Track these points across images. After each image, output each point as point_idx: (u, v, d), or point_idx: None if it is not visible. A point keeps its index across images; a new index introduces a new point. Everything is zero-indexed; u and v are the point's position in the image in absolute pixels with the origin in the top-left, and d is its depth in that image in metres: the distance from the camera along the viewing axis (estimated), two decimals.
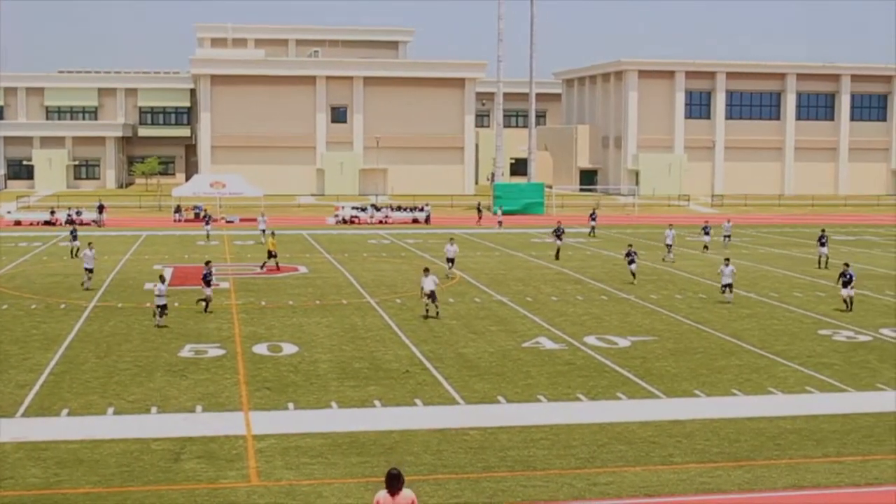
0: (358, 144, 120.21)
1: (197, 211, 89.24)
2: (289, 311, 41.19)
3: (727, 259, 45.74)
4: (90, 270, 46.97)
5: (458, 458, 22.38)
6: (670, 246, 60.35)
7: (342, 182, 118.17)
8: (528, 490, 20.46)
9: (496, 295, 46.09)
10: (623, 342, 35.10)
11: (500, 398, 27.46)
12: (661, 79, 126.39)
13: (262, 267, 54.32)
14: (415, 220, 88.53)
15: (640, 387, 28.88)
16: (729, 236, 67.99)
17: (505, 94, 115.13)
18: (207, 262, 42.62)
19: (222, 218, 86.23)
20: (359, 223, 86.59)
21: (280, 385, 28.67)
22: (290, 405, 26.62)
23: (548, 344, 34.74)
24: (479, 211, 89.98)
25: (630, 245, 46.19)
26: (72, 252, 58.68)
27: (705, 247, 65.38)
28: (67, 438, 23.42)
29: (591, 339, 35.39)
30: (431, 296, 39.28)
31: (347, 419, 25.34)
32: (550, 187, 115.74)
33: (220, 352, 33.13)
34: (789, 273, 54.60)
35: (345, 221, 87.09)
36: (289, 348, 33.79)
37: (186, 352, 33.07)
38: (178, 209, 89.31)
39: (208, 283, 40.68)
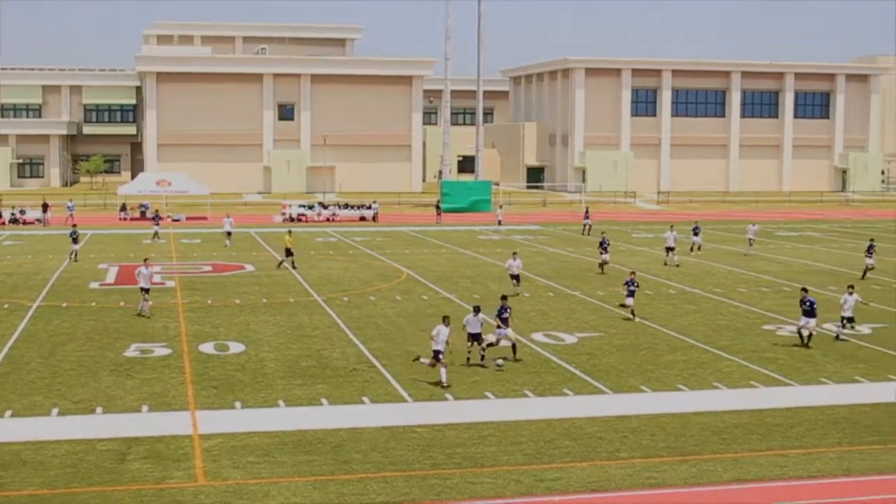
0: (305, 142, 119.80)
1: (143, 209, 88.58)
2: (235, 310, 40.99)
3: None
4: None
5: (405, 456, 22.39)
6: (671, 248, 56.89)
7: (289, 180, 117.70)
8: (475, 487, 20.52)
9: (444, 292, 46.13)
10: (570, 338, 35.27)
11: (447, 395, 27.50)
12: (607, 77, 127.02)
13: (278, 266, 53.88)
14: (362, 218, 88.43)
15: (586, 383, 29.04)
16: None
17: (453, 92, 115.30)
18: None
19: (168, 216, 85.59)
20: (306, 221, 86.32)
21: (227, 384, 28.54)
22: (237, 404, 26.50)
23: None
24: (439, 209, 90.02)
25: (633, 273, 40.71)
26: (71, 256, 57.01)
27: (697, 248, 62.72)
28: (11, 440, 23.17)
29: (538, 336, 35.53)
30: (477, 337, 31.74)
31: (295, 418, 25.28)
32: (498, 184, 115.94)
33: (167, 351, 32.91)
34: (734, 269, 55.09)
35: (292, 219, 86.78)
36: (236, 347, 33.63)
37: (132, 351, 32.82)
38: (123, 207, 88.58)
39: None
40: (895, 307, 42.47)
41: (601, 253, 53.63)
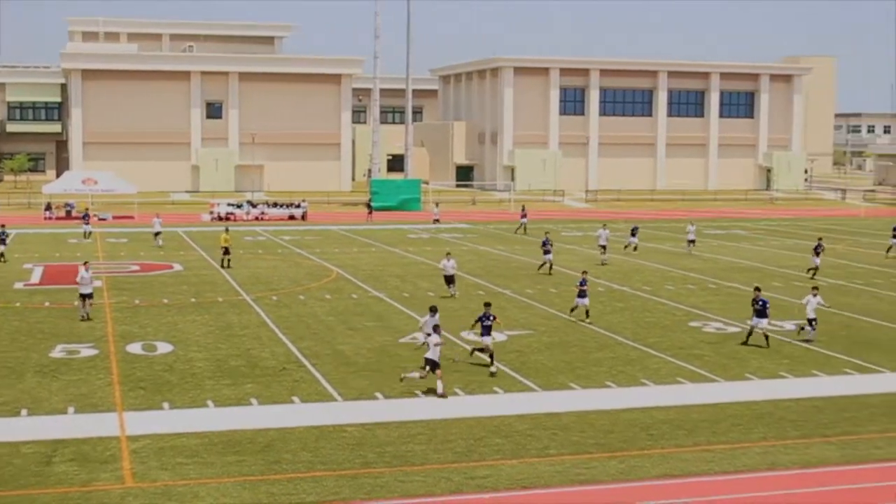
0: (233, 140, 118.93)
1: (68, 208, 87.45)
2: (163, 310, 40.64)
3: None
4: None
5: (335, 455, 22.37)
6: (604, 247, 57.42)
7: (217, 178, 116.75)
8: (405, 485, 20.55)
9: (373, 291, 46.11)
10: (499, 336, 35.39)
11: (377, 394, 27.50)
12: (536, 76, 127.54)
13: (222, 265, 53.50)
14: (291, 217, 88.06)
15: (516, 380, 29.19)
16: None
17: (382, 91, 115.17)
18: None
19: (95, 215, 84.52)
20: (234, 220, 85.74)
21: (155, 385, 28.30)
22: (166, 405, 26.29)
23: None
24: (370, 208, 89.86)
25: (584, 272, 40.78)
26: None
27: (634, 248, 62.61)
28: None
29: (468, 334, 35.61)
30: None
31: (224, 418, 25.14)
32: (427, 183, 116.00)
33: (93, 352, 32.55)
34: (661, 267, 55.65)
35: (220, 218, 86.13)
36: (163, 347, 33.36)
37: (58, 352, 32.41)
38: (48, 207, 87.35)
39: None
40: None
41: (544, 253, 52.76)
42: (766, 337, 34.31)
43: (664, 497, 20.28)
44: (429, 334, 28.84)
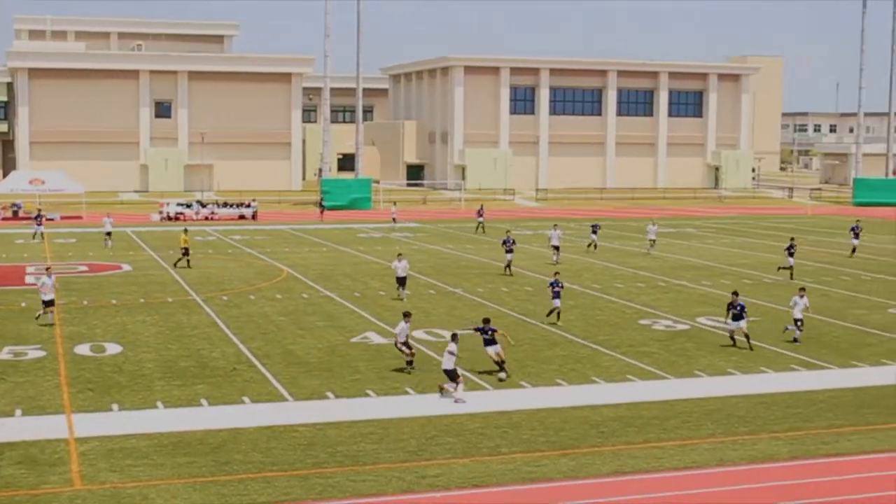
0: (183, 140, 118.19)
1: (15, 209, 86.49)
2: (112, 311, 40.33)
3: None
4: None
5: (287, 455, 22.30)
6: (557, 248, 57.19)
7: (167, 178, 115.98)
8: (357, 485, 20.53)
9: (324, 290, 46.01)
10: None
11: (328, 394, 27.46)
12: (486, 75, 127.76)
13: (175, 265, 53.23)
14: (241, 217, 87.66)
15: (467, 379, 29.18)
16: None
17: (332, 90, 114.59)
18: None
19: (44, 216, 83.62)
20: (184, 220, 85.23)
21: (104, 386, 28.08)
22: (115, 406, 26.10)
23: (376, 339, 34.87)
24: (321, 207, 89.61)
25: (557, 273, 40.96)
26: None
27: (592, 245, 62.90)
28: None
29: (419, 333, 35.63)
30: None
31: (174, 419, 24.99)
32: (378, 182, 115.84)
33: (41, 353, 32.23)
34: (610, 265, 55.93)
35: (170, 218, 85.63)
36: (112, 348, 33.10)
37: (4, 354, 32.07)
38: None
39: None
40: (766, 301, 43.55)
41: (506, 252, 52.11)
42: (748, 337, 33.90)
43: (615, 494, 20.40)
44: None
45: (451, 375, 26.90)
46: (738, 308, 34.10)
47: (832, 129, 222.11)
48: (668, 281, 49.68)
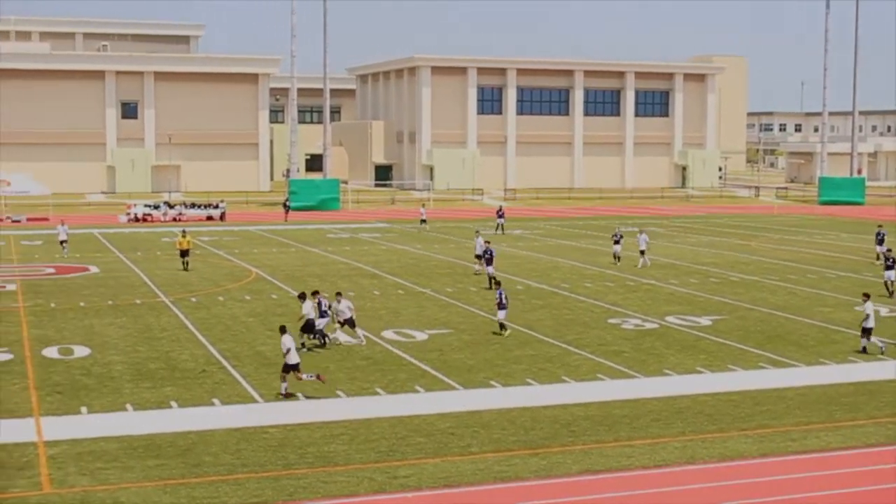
0: (150, 140, 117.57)
1: None
2: (80, 313, 40.09)
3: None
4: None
5: (257, 457, 22.27)
6: (480, 256, 52.38)
7: (134, 179, 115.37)
8: (328, 486, 20.53)
9: (293, 291, 45.86)
10: (420, 335, 35.48)
11: (298, 394, 27.41)
12: (453, 75, 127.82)
13: (186, 269, 52.84)
14: (209, 218, 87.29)
15: (437, 379, 29.27)
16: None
17: (299, 90, 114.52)
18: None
19: (7, 217, 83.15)
20: (152, 221, 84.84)
21: (72, 389, 27.93)
22: (84, 409, 25.96)
23: (345, 339, 34.81)
24: (286, 208, 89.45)
25: (498, 283, 39.19)
26: None
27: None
28: None
29: (388, 334, 35.65)
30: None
31: (143, 421, 24.89)
32: (346, 183, 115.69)
33: (8, 356, 32.01)
34: (578, 264, 56.08)
35: (137, 219, 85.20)
36: (80, 350, 32.92)
37: None
38: None
39: None
40: (733, 299, 43.80)
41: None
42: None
43: (586, 493, 20.47)
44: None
45: (296, 369, 27.13)
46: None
47: (797, 129, 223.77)
48: (637, 280, 49.87)
